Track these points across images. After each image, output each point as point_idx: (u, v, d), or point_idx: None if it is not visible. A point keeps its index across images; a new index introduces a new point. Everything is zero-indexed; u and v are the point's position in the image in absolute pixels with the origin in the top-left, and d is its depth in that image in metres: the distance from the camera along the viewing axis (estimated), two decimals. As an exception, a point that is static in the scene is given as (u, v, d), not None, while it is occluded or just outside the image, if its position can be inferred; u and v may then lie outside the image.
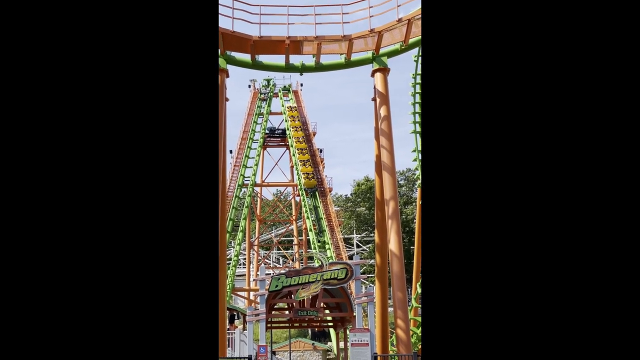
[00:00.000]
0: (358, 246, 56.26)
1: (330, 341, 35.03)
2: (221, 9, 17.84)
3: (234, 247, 40.13)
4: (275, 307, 20.07)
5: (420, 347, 27.28)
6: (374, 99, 20.13)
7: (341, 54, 20.02)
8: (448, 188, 4.98)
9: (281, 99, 44.90)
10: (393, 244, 18.15)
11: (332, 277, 17.16)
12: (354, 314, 16.94)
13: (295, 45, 19.24)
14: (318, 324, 26.28)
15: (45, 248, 5.05)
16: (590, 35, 4.86)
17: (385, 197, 18.94)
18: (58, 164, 5.19)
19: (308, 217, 36.75)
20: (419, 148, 30.72)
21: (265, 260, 52.30)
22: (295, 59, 20.22)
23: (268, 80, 46.04)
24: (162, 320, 5.14)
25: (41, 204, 5.09)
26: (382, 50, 19.60)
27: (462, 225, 4.94)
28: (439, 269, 4.96)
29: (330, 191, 40.35)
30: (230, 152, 39.75)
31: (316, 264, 17.49)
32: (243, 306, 39.09)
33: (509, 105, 4.94)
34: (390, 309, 20.44)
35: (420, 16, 18.06)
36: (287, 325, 21.84)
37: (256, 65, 20.23)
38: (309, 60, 20.23)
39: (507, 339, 4.81)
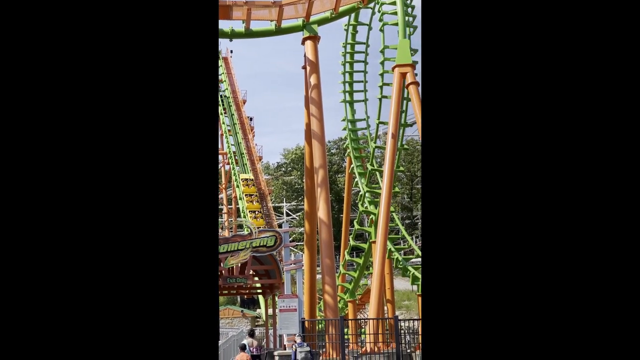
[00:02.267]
0: (288, 214, 56.57)
1: (259, 308, 35.36)
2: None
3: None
4: (204, 275, 20.00)
5: (347, 312, 27.99)
6: (304, 67, 20.10)
7: (271, 21, 19.81)
8: (448, 184, 4.96)
9: (211, 65, 43.98)
10: (322, 212, 18.38)
11: (261, 244, 17.25)
12: (283, 281, 17.16)
13: (224, 10, 18.87)
14: (247, 291, 26.42)
15: (41, 244, 4.94)
16: (589, 34, 4.90)
17: (315, 165, 19.08)
18: (51, 155, 5.04)
19: (238, 186, 36.59)
20: (349, 117, 31.03)
21: (195, 228, 51.62)
22: (225, 25, 19.87)
23: (197, 46, 44.95)
24: (159, 317, 5.08)
25: (34, 197, 4.95)
26: (312, 18, 19.53)
27: (462, 222, 4.91)
28: (439, 265, 4.94)
29: (260, 160, 40.23)
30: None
31: (245, 232, 17.52)
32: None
33: (509, 104, 4.92)
34: (318, 276, 20.82)
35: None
36: (216, 293, 21.82)
37: (184, 30, 19.70)
38: (239, 26, 19.92)
39: (507, 336, 4.80)
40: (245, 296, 39.44)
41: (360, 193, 29.53)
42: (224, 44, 45.58)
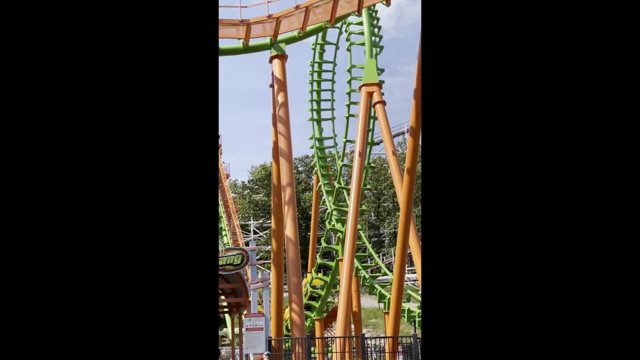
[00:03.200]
0: (255, 232, 56.25)
1: (226, 327, 34.93)
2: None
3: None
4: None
5: (314, 330, 27.85)
6: (272, 86, 20.17)
7: (239, 39, 19.88)
8: (448, 185, 4.92)
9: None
10: (289, 230, 18.36)
11: (228, 262, 17.12)
12: (250, 299, 17.02)
13: (192, 27, 18.85)
14: (213, 310, 26.06)
15: (41, 244, 4.91)
16: (589, 33, 4.92)
17: (282, 183, 19.09)
18: (53, 157, 5.03)
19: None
20: (316, 135, 31.16)
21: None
22: (192, 42, 19.81)
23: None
24: (158, 318, 5.03)
25: (34, 197, 4.91)
26: (280, 37, 19.67)
27: (462, 223, 4.89)
28: (439, 266, 4.91)
29: (228, 177, 40.04)
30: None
31: (211, 250, 17.38)
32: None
33: (508, 104, 4.91)
34: (285, 294, 20.70)
35: (317, 4, 18.26)
36: (181, 312, 21.50)
37: (151, 47, 19.62)
38: (206, 44, 19.89)
39: (507, 337, 4.78)
40: (211, 315, 38.88)
41: (327, 211, 29.57)
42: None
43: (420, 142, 19.66)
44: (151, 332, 4.95)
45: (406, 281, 30.46)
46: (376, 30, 25.21)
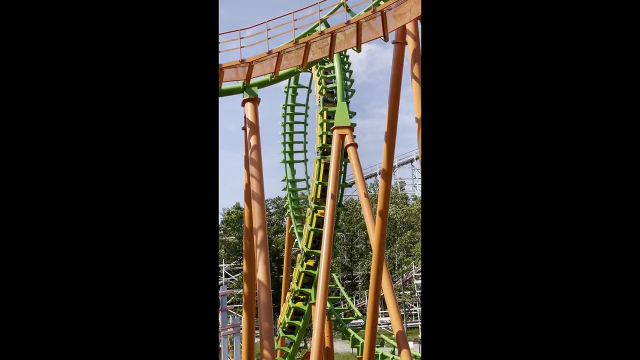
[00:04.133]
0: (227, 276, 55.52)
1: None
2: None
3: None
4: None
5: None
6: (244, 128, 20.23)
7: (212, 82, 19.98)
8: (447, 187, 4.98)
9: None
10: (261, 274, 18.14)
11: (198, 308, 16.81)
12: (220, 346, 16.65)
13: (164, 71, 18.91)
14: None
15: (46, 246, 5.01)
16: (589, 33, 4.98)
17: (254, 226, 18.95)
18: (54, 159, 5.14)
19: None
20: (289, 177, 31.24)
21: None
22: (164, 85, 19.86)
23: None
24: (160, 318, 5.05)
25: (40, 202, 4.96)
26: (252, 81, 19.82)
27: (462, 226, 4.93)
28: (438, 268, 4.95)
29: (199, 220, 39.60)
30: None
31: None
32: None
33: (507, 106, 4.97)
34: (257, 340, 20.33)
35: (290, 49, 18.53)
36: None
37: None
38: (179, 87, 19.94)
39: (506, 339, 4.77)
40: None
41: (300, 253, 29.39)
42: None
43: (391, 184, 19.78)
44: (152, 333, 4.99)
45: (379, 325, 30.21)
46: (347, 74, 25.62)
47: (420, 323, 48.11)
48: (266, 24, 18.37)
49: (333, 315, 26.61)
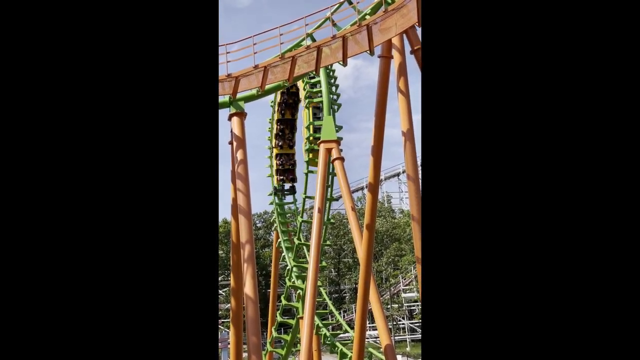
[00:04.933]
0: (214, 290, 55.17)
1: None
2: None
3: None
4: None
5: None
6: (231, 143, 20.18)
7: (198, 97, 19.92)
8: (447, 188, 4.97)
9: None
10: (248, 288, 18.00)
11: (185, 323, 16.62)
12: (207, 361, 16.46)
13: (150, 85, 18.85)
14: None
15: (49, 247, 5.03)
16: (589, 34, 4.97)
17: (242, 240, 18.83)
18: (56, 159, 5.16)
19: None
20: (275, 184, 31.21)
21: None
22: (151, 100, 19.79)
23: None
24: (160, 319, 5.04)
25: (36, 198, 4.95)
26: (239, 95, 19.80)
27: (461, 226, 4.92)
28: (438, 269, 4.93)
29: (185, 234, 39.36)
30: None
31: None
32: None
33: (507, 107, 4.96)
34: (245, 354, 20.13)
35: (276, 63, 18.55)
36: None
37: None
38: (165, 102, 19.88)
39: (505, 340, 4.74)
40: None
41: (287, 267, 29.26)
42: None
43: (378, 198, 19.75)
44: (153, 333, 4.99)
45: (367, 338, 30.07)
46: (334, 88, 25.68)
47: (408, 336, 48.00)
48: (252, 38, 18.39)
49: (321, 329, 26.46)
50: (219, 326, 24.34)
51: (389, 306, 48.78)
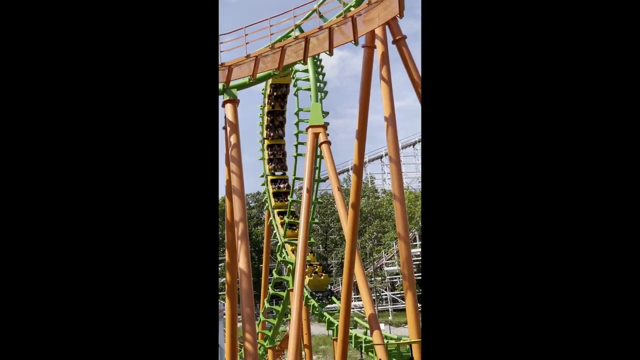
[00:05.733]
0: (210, 266, 55.15)
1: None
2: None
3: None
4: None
5: (267, 358, 27.24)
6: (225, 128, 20.08)
7: (193, 85, 19.74)
8: (447, 187, 4.75)
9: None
10: (242, 263, 18.06)
11: (183, 296, 16.62)
12: (204, 331, 16.51)
13: (148, 74, 18.64)
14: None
15: (51, 247, 4.78)
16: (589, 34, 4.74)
17: (235, 218, 18.84)
18: (58, 168, 4.95)
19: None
20: (267, 173, 31.09)
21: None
22: (149, 87, 19.57)
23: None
24: (160, 318, 4.87)
25: (36, 198, 4.74)
26: (232, 83, 19.65)
27: (462, 225, 4.70)
28: (438, 267, 4.72)
29: (183, 214, 39.19)
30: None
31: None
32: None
33: (507, 106, 4.73)
34: (239, 324, 20.22)
35: (266, 53, 18.40)
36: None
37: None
38: (162, 89, 19.67)
39: (505, 339, 4.54)
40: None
41: (278, 244, 29.31)
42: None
43: (362, 179, 19.76)
44: (153, 332, 4.83)
45: (353, 308, 30.27)
46: (320, 77, 25.54)
47: (390, 307, 48.39)
48: (244, 29, 18.23)
49: (310, 301, 26.60)
50: (215, 298, 24.42)
51: (372, 279, 49.10)
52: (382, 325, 26.09)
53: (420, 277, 32.58)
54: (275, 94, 29.80)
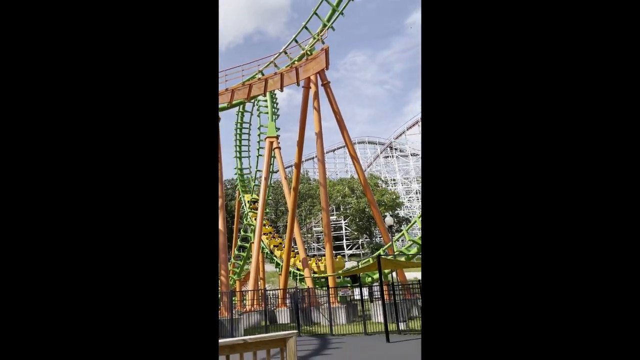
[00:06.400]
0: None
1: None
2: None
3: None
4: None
5: (235, 287, 26.78)
6: (210, 136, 19.51)
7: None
8: (447, 187, 3.21)
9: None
10: (220, 225, 17.59)
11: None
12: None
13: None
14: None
15: (48, 246, 3.33)
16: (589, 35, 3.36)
17: (216, 196, 18.41)
18: (56, 172, 3.41)
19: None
20: (239, 166, 30.41)
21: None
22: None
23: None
24: (160, 319, 3.54)
25: (35, 197, 3.37)
26: (216, 106, 19.09)
27: (462, 224, 3.19)
28: (439, 267, 3.23)
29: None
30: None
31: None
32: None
33: (508, 106, 3.21)
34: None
35: (239, 88, 18.00)
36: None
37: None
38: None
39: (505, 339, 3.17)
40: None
41: (244, 212, 28.86)
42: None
43: (301, 172, 19.65)
44: (152, 332, 3.77)
45: (293, 256, 30.32)
46: (275, 104, 25.26)
47: (316, 253, 48.73)
48: (225, 72, 17.72)
49: (264, 249, 26.37)
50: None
51: (305, 235, 49.27)
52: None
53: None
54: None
